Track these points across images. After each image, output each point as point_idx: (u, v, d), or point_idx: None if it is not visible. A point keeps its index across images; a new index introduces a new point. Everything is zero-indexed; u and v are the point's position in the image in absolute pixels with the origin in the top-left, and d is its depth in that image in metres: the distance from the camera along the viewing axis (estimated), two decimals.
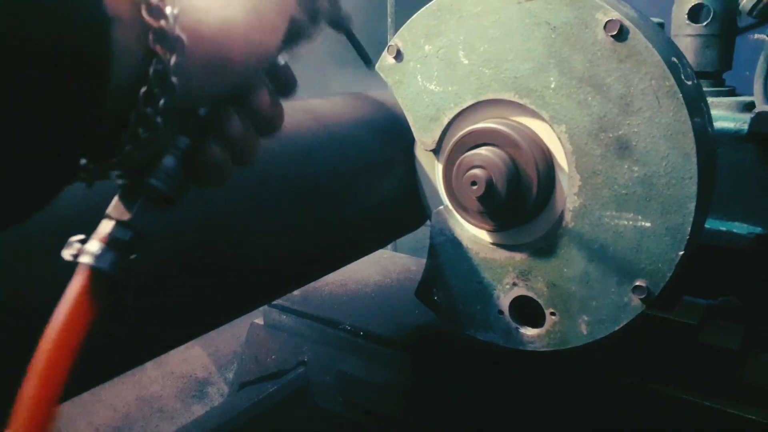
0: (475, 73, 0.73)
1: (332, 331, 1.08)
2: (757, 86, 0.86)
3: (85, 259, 0.36)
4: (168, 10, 0.34)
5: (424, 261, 0.84)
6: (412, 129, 0.81)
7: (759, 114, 0.82)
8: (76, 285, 0.36)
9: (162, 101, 0.35)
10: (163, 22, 0.34)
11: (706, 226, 0.80)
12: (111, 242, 0.37)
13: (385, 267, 1.29)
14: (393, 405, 0.99)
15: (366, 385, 1.02)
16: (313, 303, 1.14)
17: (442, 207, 0.81)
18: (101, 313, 0.37)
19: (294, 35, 0.48)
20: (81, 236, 0.37)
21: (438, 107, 0.77)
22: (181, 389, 1.43)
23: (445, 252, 0.81)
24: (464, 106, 0.75)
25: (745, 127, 0.83)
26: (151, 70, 0.34)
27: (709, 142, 0.67)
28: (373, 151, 0.87)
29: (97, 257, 0.37)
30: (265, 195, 0.70)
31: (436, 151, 0.81)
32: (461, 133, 0.74)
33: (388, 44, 0.79)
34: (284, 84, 0.48)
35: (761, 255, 0.85)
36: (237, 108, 0.43)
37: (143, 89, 0.34)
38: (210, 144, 0.41)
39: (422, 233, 1.05)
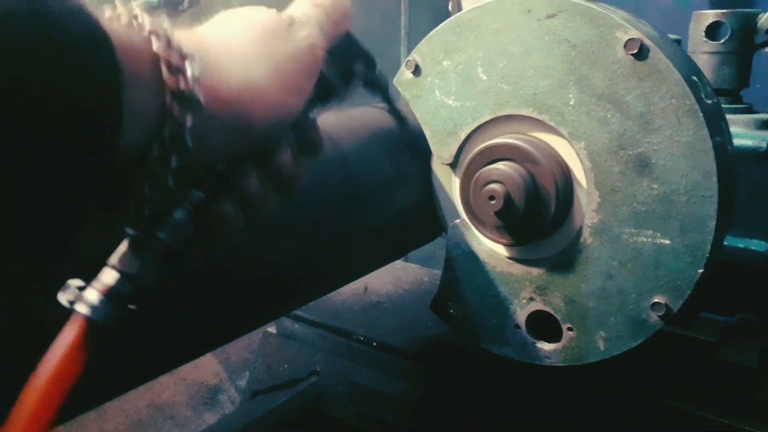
0: (493, 88, 0.73)
1: (345, 341, 1.08)
2: None
3: (82, 309, 0.35)
4: (188, 69, 0.33)
5: (435, 272, 0.84)
6: (429, 143, 0.81)
7: None
8: (69, 333, 0.35)
9: (174, 161, 0.34)
10: (181, 82, 0.33)
11: (725, 243, 0.80)
12: (111, 294, 0.36)
13: (398, 277, 1.30)
14: (406, 416, 0.99)
15: (379, 395, 1.02)
16: (325, 312, 1.14)
17: (458, 221, 0.81)
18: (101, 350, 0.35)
19: (324, 94, 0.47)
20: (79, 282, 0.36)
21: (456, 122, 0.77)
22: (192, 396, 1.44)
23: (462, 266, 0.81)
24: (482, 121, 0.75)
25: (764, 144, 0.83)
26: (166, 131, 0.33)
27: (729, 161, 0.67)
28: (388, 163, 0.88)
29: (95, 309, 0.35)
30: (278, 208, 0.70)
31: (453, 165, 0.81)
32: (479, 147, 0.75)
33: (407, 59, 0.80)
34: (308, 142, 0.47)
35: None
36: (256, 165, 0.41)
37: (155, 150, 0.33)
38: (225, 202, 0.40)
39: (434, 244, 1.05)
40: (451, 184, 0.83)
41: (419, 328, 1.06)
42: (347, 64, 0.50)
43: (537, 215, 0.71)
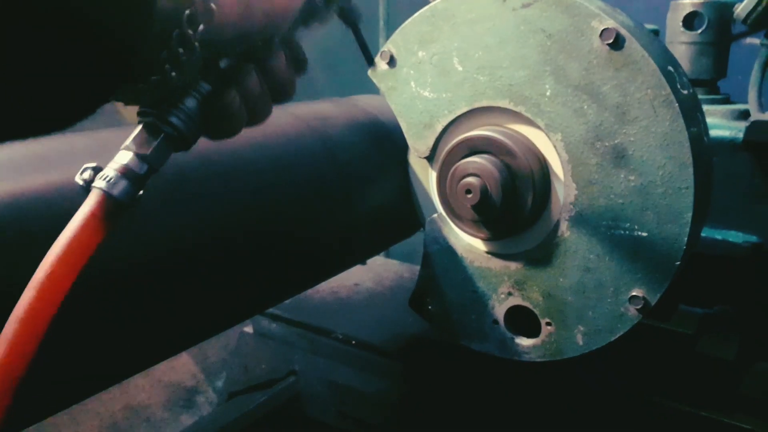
0: (469, 80, 0.72)
1: (323, 339, 1.06)
2: (752, 94, 0.86)
3: (99, 184, 0.38)
4: None
5: (417, 268, 0.83)
6: (406, 136, 0.79)
7: (754, 123, 0.82)
8: (87, 207, 0.37)
9: (201, 26, 0.37)
10: None
11: (702, 234, 0.80)
12: (127, 172, 0.39)
13: (378, 274, 1.28)
14: (386, 415, 0.98)
15: (358, 394, 1.00)
16: (303, 311, 1.12)
17: (436, 215, 0.80)
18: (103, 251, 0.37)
19: (309, 14, 0.51)
20: (93, 164, 0.41)
21: (432, 114, 0.76)
22: (168, 398, 1.41)
23: (439, 261, 0.80)
24: (458, 113, 0.74)
25: (740, 135, 0.83)
26: (187, 13, 0.36)
27: (705, 152, 0.66)
28: (364, 156, 0.86)
29: (112, 184, 0.38)
30: (253, 201, 0.68)
31: (430, 159, 0.80)
32: (455, 140, 0.73)
33: (381, 50, 0.78)
34: (297, 58, 0.52)
35: (757, 264, 0.84)
36: (256, 67, 0.46)
37: (187, 11, 0.37)
38: (229, 92, 0.44)
39: (416, 239, 1.04)
40: (428, 178, 0.82)
41: (399, 326, 1.05)
42: None
43: (514, 209, 0.70)
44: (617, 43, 0.62)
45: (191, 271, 0.61)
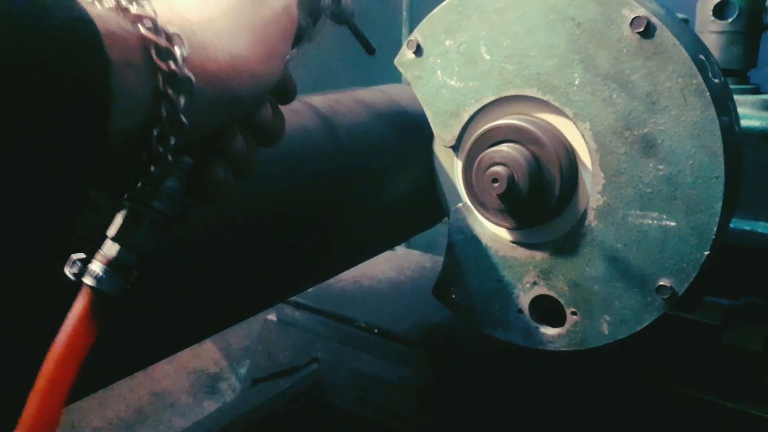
0: (497, 68, 0.72)
1: (346, 327, 1.07)
2: None
3: (88, 281, 0.36)
4: (177, 51, 0.34)
5: (438, 258, 0.83)
6: (431, 125, 0.80)
7: None
8: (78, 306, 0.36)
9: (173, 140, 0.35)
10: (172, 65, 0.33)
11: (730, 225, 0.79)
12: (115, 264, 0.37)
13: (399, 264, 1.29)
14: (408, 403, 0.99)
15: (380, 382, 1.01)
16: (326, 299, 1.14)
17: (461, 204, 0.80)
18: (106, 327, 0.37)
19: (296, 40, 0.48)
20: (82, 255, 0.37)
21: (458, 103, 0.76)
22: (192, 384, 1.43)
23: (464, 250, 0.80)
24: (485, 102, 0.74)
25: None
26: (163, 111, 0.34)
27: (736, 142, 0.65)
28: (389, 145, 0.86)
29: (101, 280, 0.37)
30: (277, 191, 0.69)
31: (456, 148, 0.80)
32: (482, 129, 0.73)
33: (408, 39, 0.78)
34: (284, 92, 0.48)
35: None
36: (240, 126, 0.43)
37: (155, 131, 0.34)
38: (214, 164, 0.41)
39: (436, 230, 1.04)
40: (453, 167, 0.82)
41: (421, 314, 1.06)
42: (314, 4, 0.51)
43: (541, 198, 0.70)
44: (648, 32, 0.62)
45: (216, 258, 0.62)
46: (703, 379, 0.79)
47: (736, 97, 0.80)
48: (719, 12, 0.90)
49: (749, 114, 0.85)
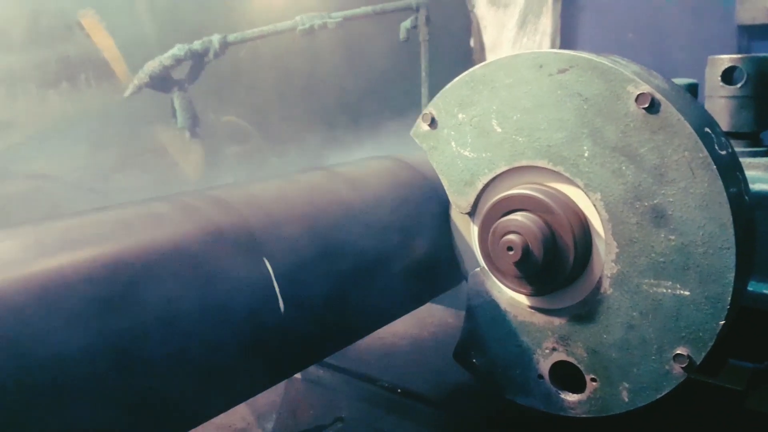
0: (508, 140, 0.75)
1: (370, 387, 1.08)
2: None
3: None
4: None
5: (461, 312, 0.84)
6: (447, 192, 0.82)
7: None
8: None
9: None
10: None
11: (750, 288, 0.79)
12: None
13: (422, 320, 1.30)
14: None
15: None
16: (350, 358, 1.15)
17: (478, 269, 0.82)
18: None
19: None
20: None
21: (472, 172, 0.79)
22: None
23: (483, 314, 0.82)
24: (498, 171, 0.77)
25: None
26: None
27: (746, 210, 0.66)
28: (408, 212, 0.89)
29: None
30: (303, 262, 0.72)
31: (471, 214, 0.82)
32: (496, 198, 0.76)
33: (423, 112, 0.82)
34: None
35: None
36: None
37: None
38: None
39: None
40: (470, 233, 0.84)
41: (444, 374, 1.06)
42: None
43: (556, 266, 0.72)
44: (653, 107, 0.64)
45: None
46: None
47: (748, 160, 0.81)
48: (727, 78, 0.91)
49: (762, 177, 0.85)
